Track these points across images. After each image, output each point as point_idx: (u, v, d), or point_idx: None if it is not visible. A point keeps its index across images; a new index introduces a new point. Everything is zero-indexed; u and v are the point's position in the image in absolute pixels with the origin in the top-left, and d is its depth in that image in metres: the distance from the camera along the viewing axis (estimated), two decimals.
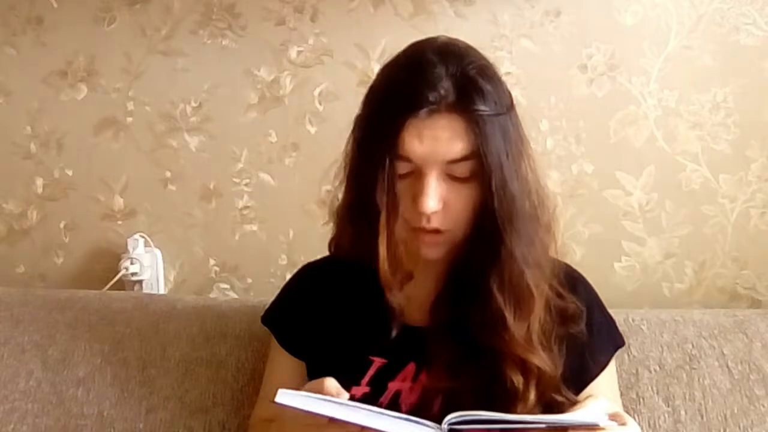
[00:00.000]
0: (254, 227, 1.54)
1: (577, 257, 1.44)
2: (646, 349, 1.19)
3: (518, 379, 0.88)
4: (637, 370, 1.17)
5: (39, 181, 1.61)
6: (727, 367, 1.17)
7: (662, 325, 1.21)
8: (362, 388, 0.94)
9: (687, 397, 1.15)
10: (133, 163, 1.56)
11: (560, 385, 0.91)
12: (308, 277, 1.09)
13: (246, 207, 1.54)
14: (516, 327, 0.89)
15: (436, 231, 0.90)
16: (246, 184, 1.53)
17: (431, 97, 0.85)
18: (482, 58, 0.92)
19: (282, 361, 1.06)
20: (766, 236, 1.41)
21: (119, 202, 1.58)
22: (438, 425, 0.75)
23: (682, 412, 1.14)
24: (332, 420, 0.78)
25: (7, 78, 1.60)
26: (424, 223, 0.89)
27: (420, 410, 0.90)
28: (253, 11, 1.50)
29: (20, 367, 1.27)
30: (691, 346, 1.19)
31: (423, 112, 0.85)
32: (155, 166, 1.56)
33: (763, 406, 1.14)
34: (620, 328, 1.18)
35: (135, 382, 1.24)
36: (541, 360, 0.89)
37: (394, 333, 0.96)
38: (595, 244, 1.45)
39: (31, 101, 1.59)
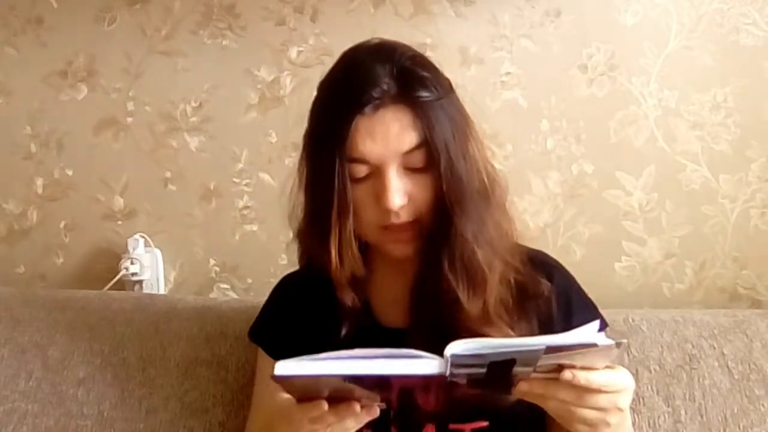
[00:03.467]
0: (254, 227, 1.54)
1: (577, 257, 1.44)
2: (646, 349, 1.19)
3: None
4: (637, 370, 1.17)
5: (39, 181, 1.61)
6: (727, 367, 1.17)
7: (662, 325, 1.21)
8: None
9: (687, 397, 1.15)
10: (133, 163, 1.56)
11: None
12: (288, 288, 1.10)
13: (246, 207, 1.54)
14: (471, 305, 0.90)
15: (407, 225, 0.91)
16: (246, 184, 1.53)
17: (374, 93, 0.86)
18: (413, 49, 0.94)
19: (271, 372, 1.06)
20: (766, 236, 1.41)
21: (119, 202, 1.58)
22: (440, 357, 0.73)
23: (682, 412, 1.15)
24: (331, 404, 0.77)
25: (7, 78, 1.60)
26: (393, 220, 0.90)
27: (408, 411, 0.91)
28: (253, 11, 1.50)
29: (20, 367, 1.27)
30: (691, 346, 1.19)
31: (369, 108, 0.86)
32: (155, 166, 1.56)
33: (763, 406, 1.14)
34: (620, 328, 1.20)
35: (135, 382, 1.24)
36: (499, 332, 0.90)
37: (371, 337, 0.96)
38: (595, 244, 1.45)
39: (31, 101, 1.59)
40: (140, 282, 1.55)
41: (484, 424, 0.91)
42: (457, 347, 0.72)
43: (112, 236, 1.58)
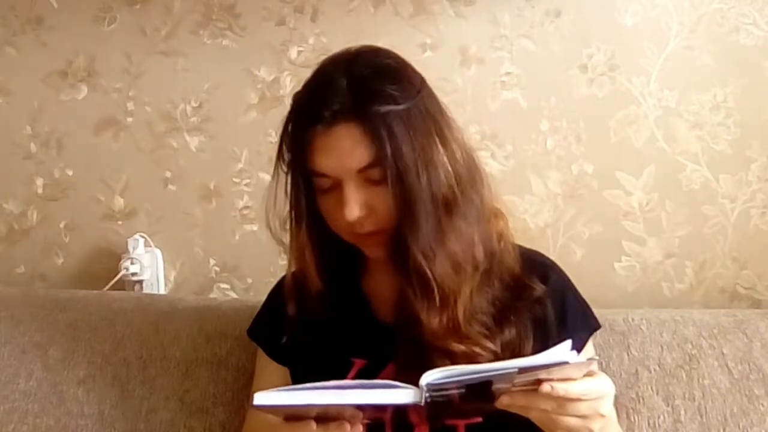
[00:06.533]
0: (254, 227, 1.54)
1: (577, 257, 1.44)
2: (645, 349, 1.19)
3: (445, 365, 0.88)
4: (636, 370, 1.17)
5: (39, 181, 1.61)
6: (727, 366, 1.17)
7: (662, 325, 1.21)
8: None
9: (686, 397, 1.15)
10: (133, 163, 1.57)
11: None
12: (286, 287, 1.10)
13: (246, 207, 1.54)
14: (430, 319, 0.89)
15: (373, 232, 0.92)
16: (246, 184, 1.53)
17: (325, 111, 0.87)
18: (384, 57, 0.94)
19: (270, 370, 1.07)
20: (766, 236, 1.41)
21: (119, 202, 1.58)
22: (416, 387, 0.76)
23: (682, 412, 1.15)
24: (319, 423, 0.79)
25: (7, 78, 1.60)
26: (357, 229, 0.91)
27: (403, 407, 0.91)
28: (253, 11, 1.50)
29: (21, 367, 1.27)
30: (690, 346, 1.19)
31: (321, 126, 0.88)
32: (155, 166, 1.56)
33: (763, 406, 1.14)
34: (620, 328, 1.20)
35: (135, 382, 1.24)
36: (470, 344, 0.90)
37: (368, 333, 0.99)
38: (595, 244, 1.45)
39: (31, 101, 1.59)
40: (140, 282, 1.55)
41: (479, 420, 0.91)
42: (431, 376, 0.75)
43: (112, 236, 1.58)
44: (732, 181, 1.41)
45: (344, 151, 0.88)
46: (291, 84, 1.50)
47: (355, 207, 0.89)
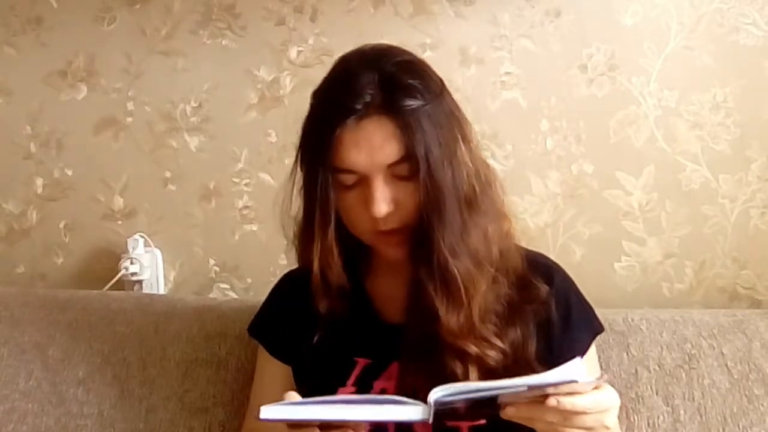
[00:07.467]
0: (254, 227, 1.54)
1: (577, 257, 1.44)
2: (645, 349, 1.19)
3: (455, 364, 0.89)
4: (636, 370, 1.17)
5: (39, 181, 1.61)
6: (727, 366, 1.17)
7: (662, 325, 1.21)
8: (348, 389, 0.95)
9: (686, 397, 1.16)
10: (133, 163, 1.57)
11: (534, 364, 0.92)
12: (289, 285, 1.10)
13: (246, 207, 1.54)
14: (449, 317, 0.89)
15: (397, 231, 0.91)
16: (246, 184, 1.53)
17: (357, 105, 0.87)
18: (405, 54, 0.94)
19: (271, 368, 1.07)
20: (766, 236, 1.41)
21: (119, 202, 1.58)
22: (424, 402, 0.76)
23: (682, 412, 1.15)
24: (322, 427, 0.79)
25: (7, 78, 1.60)
26: (381, 226, 0.90)
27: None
28: (253, 11, 1.50)
29: (20, 367, 1.27)
30: (690, 346, 1.19)
31: (351, 120, 0.87)
32: (155, 166, 1.56)
33: (762, 406, 1.14)
34: (620, 328, 1.21)
35: (135, 382, 1.24)
36: (483, 343, 0.90)
37: (372, 333, 0.98)
38: (595, 244, 1.45)
39: (31, 101, 1.59)
40: (140, 282, 1.55)
41: (482, 422, 0.91)
42: (439, 393, 0.76)
43: (112, 236, 1.58)
44: (732, 181, 1.41)
45: (375, 145, 0.87)
46: (291, 84, 1.50)
47: (383, 203, 0.88)
